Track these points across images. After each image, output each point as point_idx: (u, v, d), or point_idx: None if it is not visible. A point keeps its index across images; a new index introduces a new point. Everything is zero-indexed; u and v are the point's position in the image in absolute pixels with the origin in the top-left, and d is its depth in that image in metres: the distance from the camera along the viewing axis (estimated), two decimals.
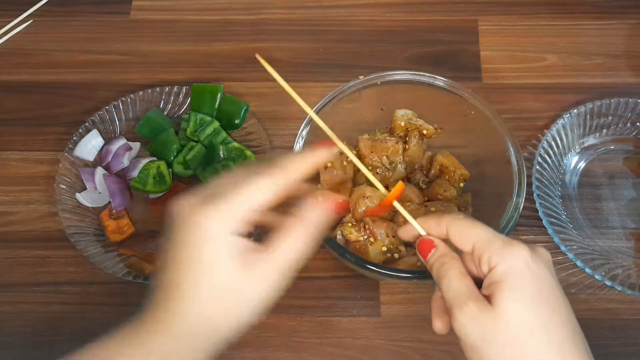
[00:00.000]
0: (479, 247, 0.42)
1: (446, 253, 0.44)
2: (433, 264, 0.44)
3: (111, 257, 0.64)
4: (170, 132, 0.71)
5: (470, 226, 0.43)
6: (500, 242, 0.41)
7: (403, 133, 0.67)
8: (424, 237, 0.46)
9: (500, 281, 0.40)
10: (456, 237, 0.44)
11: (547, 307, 0.40)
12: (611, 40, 0.80)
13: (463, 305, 0.40)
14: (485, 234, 0.42)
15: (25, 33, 0.82)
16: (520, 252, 0.41)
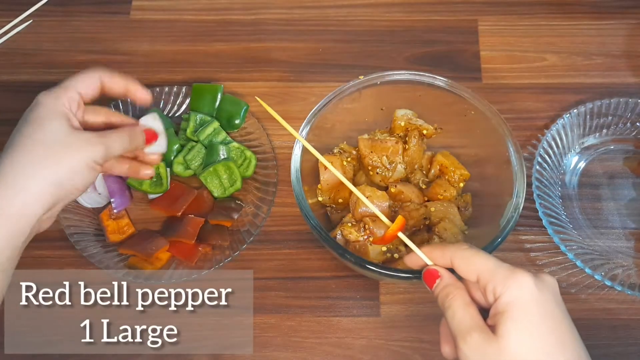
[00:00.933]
0: (483, 278, 0.42)
1: (451, 283, 0.44)
2: (438, 294, 0.45)
3: (111, 257, 0.64)
4: (170, 132, 0.71)
5: (474, 256, 0.43)
6: (504, 272, 0.41)
7: (403, 133, 0.67)
8: (429, 268, 0.46)
9: (504, 312, 0.40)
10: (461, 268, 0.44)
11: (553, 337, 0.40)
12: (611, 40, 0.80)
13: (467, 335, 0.41)
14: (489, 263, 0.42)
15: (25, 33, 0.82)
16: (524, 281, 0.41)
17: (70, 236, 0.64)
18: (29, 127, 0.45)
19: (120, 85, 0.51)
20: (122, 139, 0.49)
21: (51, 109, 0.46)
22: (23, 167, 0.44)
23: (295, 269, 0.66)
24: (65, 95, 0.47)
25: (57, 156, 0.45)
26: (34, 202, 0.44)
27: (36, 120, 0.45)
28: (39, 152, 0.44)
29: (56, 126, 0.45)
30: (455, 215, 0.62)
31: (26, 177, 0.44)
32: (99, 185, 0.68)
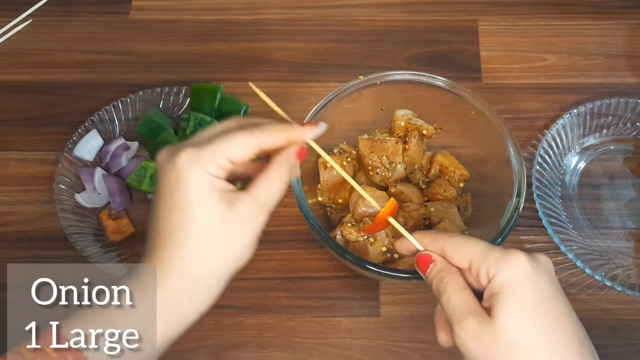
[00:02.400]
0: (476, 261, 0.41)
1: (445, 267, 0.44)
2: (432, 279, 0.44)
3: (111, 257, 0.64)
4: (170, 132, 0.71)
5: (465, 242, 0.43)
6: (497, 253, 0.41)
7: (403, 133, 0.67)
8: (422, 253, 0.45)
9: (498, 292, 0.39)
10: (452, 255, 0.43)
11: (549, 318, 0.39)
12: (611, 40, 0.80)
13: (462, 320, 0.40)
14: (480, 247, 0.42)
15: (25, 33, 0.82)
16: (518, 261, 0.40)
17: (70, 236, 0.64)
18: (181, 214, 0.39)
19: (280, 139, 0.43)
20: (280, 187, 0.42)
21: (200, 188, 0.39)
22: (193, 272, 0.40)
23: (295, 269, 0.66)
24: (214, 164, 0.39)
25: (221, 247, 0.40)
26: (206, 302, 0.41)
27: (186, 205, 0.39)
28: (203, 248, 0.39)
29: (213, 213, 0.39)
30: (455, 215, 0.62)
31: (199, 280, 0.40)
32: (98, 185, 0.68)
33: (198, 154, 0.39)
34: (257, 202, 0.41)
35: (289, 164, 0.43)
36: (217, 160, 0.39)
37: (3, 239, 0.67)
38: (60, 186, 0.67)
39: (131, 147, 0.70)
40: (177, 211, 0.39)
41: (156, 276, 0.39)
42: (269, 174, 0.42)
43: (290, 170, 0.43)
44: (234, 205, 0.40)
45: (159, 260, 0.40)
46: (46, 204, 0.69)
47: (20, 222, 0.68)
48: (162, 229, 0.40)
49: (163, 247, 0.40)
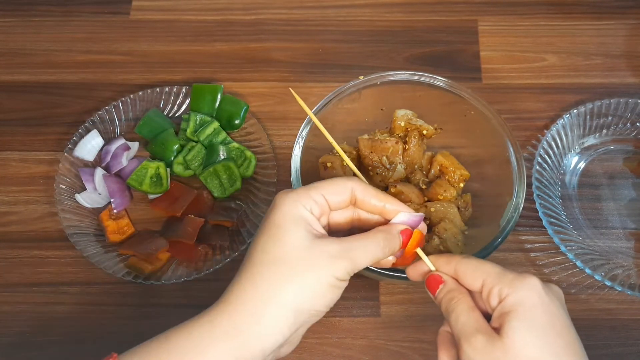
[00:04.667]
0: (489, 281, 0.41)
1: (455, 288, 0.44)
2: (442, 299, 0.44)
3: (111, 257, 0.64)
4: (170, 132, 0.71)
5: (480, 263, 0.43)
6: (511, 275, 0.41)
7: (403, 133, 0.67)
8: (433, 273, 0.46)
9: (510, 311, 0.40)
10: (466, 274, 0.43)
11: (560, 340, 0.39)
12: (611, 40, 0.80)
13: (471, 337, 0.40)
14: (495, 268, 0.42)
15: (25, 33, 0.82)
16: (532, 283, 0.40)
17: (70, 236, 0.64)
18: (269, 239, 0.41)
19: (373, 204, 0.44)
20: (373, 249, 0.42)
21: (290, 214, 0.41)
22: (262, 292, 0.40)
23: None
24: (308, 196, 0.42)
25: (297, 278, 0.40)
26: (272, 334, 0.39)
27: (275, 230, 0.41)
28: (278, 274, 0.40)
29: (296, 237, 0.40)
30: (455, 215, 0.62)
31: (264, 303, 0.39)
32: (99, 185, 0.68)
33: (294, 189, 0.43)
34: (343, 246, 0.41)
35: (388, 238, 0.43)
36: (313, 195, 0.42)
37: (3, 239, 0.67)
38: (61, 186, 0.67)
39: (131, 147, 0.71)
40: (265, 234, 0.41)
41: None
42: (362, 235, 0.43)
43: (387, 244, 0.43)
44: (320, 239, 0.41)
45: (240, 277, 0.41)
46: (46, 204, 0.69)
47: (20, 222, 0.68)
48: (251, 249, 0.42)
49: (246, 264, 0.41)
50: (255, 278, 0.40)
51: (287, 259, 0.40)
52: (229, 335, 0.39)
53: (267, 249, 0.41)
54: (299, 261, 0.40)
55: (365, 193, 0.44)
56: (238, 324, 0.39)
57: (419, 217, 0.46)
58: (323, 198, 0.43)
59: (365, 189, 0.44)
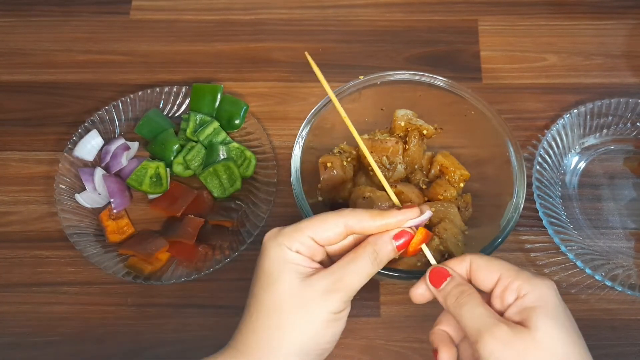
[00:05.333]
0: (507, 276, 0.41)
1: (463, 282, 0.43)
2: (449, 292, 0.42)
3: (111, 257, 0.64)
4: (170, 132, 0.71)
5: (495, 260, 0.43)
6: (529, 273, 0.41)
7: (403, 133, 0.67)
8: (438, 266, 0.44)
9: (536, 307, 0.39)
10: (481, 269, 0.42)
11: (581, 342, 0.40)
12: (611, 40, 0.80)
13: (494, 328, 0.39)
14: (512, 266, 0.42)
15: (25, 33, 0.82)
16: (550, 283, 0.40)
17: (70, 236, 0.64)
18: (261, 288, 0.41)
19: (373, 228, 0.42)
20: (364, 268, 0.42)
21: (277, 260, 0.41)
22: (265, 342, 0.40)
23: None
24: (293, 239, 0.41)
25: (294, 324, 0.40)
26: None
27: (265, 278, 0.41)
28: (276, 322, 0.40)
29: (286, 284, 0.40)
30: (456, 215, 0.62)
31: (270, 353, 0.40)
32: (98, 185, 0.68)
33: (280, 231, 0.42)
34: (333, 278, 0.41)
35: (378, 249, 0.42)
36: (298, 237, 0.41)
37: (3, 239, 0.67)
38: (60, 186, 0.67)
39: (131, 147, 0.71)
40: (257, 283, 0.42)
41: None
42: (351, 254, 0.42)
43: (377, 256, 0.42)
44: (309, 278, 0.41)
45: (240, 330, 0.42)
46: (46, 204, 0.69)
47: (20, 222, 0.68)
48: (249, 297, 0.42)
49: (246, 313, 0.42)
50: (255, 328, 0.41)
51: (280, 307, 0.40)
52: None
53: (260, 298, 0.41)
54: (292, 307, 0.40)
55: (361, 224, 0.42)
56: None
57: (427, 217, 0.45)
58: (310, 240, 0.41)
59: (360, 220, 0.42)
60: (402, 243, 0.43)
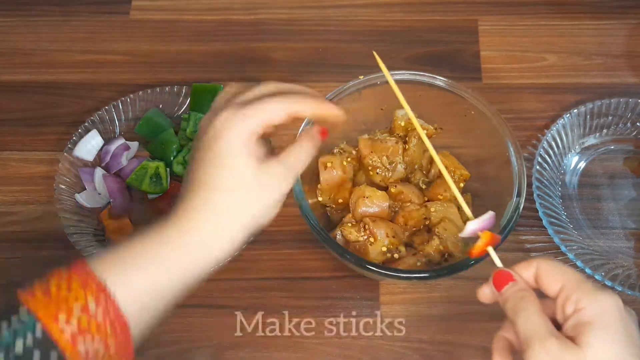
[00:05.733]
0: (569, 287, 0.40)
1: (526, 288, 0.42)
2: (510, 296, 0.42)
3: None
4: (170, 132, 0.71)
5: (562, 267, 0.42)
6: (591, 286, 0.40)
7: (403, 133, 0.66)
8: (503, 269, 0.44)
9: (591, 322, 0.38)
10: (547, 275, 0.42)
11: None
12: (611, 40, 0.80)
13: (546, 340, 0.38)
14: (577, 276, 0.41)
15: (25, 33, 0.82)
16: (613, 298, 0.39)
17: (70, 236, 0.64)
18: (215, 167, 0.43)
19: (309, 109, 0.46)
20: (305, 155, 0.47)
21: (236, 145, 0.43)
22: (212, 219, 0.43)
23: (295, 269, 0.66)
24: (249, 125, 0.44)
25: (252, 202, 0.44)
26: (228, 249, 0.44)
27: (221, 157, 0.43)
28: (234, 200, 0.43)
29: (244, 165, 0.43)
30: (455, 215, 0.62)
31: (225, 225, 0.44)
32: (98, 185, 0.68)
33: (235, 116, 0.43)
34: (286, 165, 0.45)
35: (313, 140, 0.48)
36: (251, 122, 0.43)
37: (3, 239, 0.67)
38: (60, 186, 0.67)
39: (131, 147, 0.71)
40: (212, 163, 0.43)
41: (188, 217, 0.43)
42: (296, 145, 0.47)
43: (314, 145, 0.47)
44: (265, 163, 0.44)
45: (193, 201, 0.43)
46: (46, 204, 0.69)
47: (21, 222, 0.68)
48: (197, 177, 0.44)
49: (198, 190, 0.43)
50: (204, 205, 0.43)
51: (240, 187, 0.43)
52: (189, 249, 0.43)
53: (218, 177, 0.43)
54: (252, 188, 0.44)
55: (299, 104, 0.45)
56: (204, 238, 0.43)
57: (489, 218, 0.47)
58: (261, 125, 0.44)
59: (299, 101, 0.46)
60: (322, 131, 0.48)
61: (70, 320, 0.38)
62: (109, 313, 0.39)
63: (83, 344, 0.38)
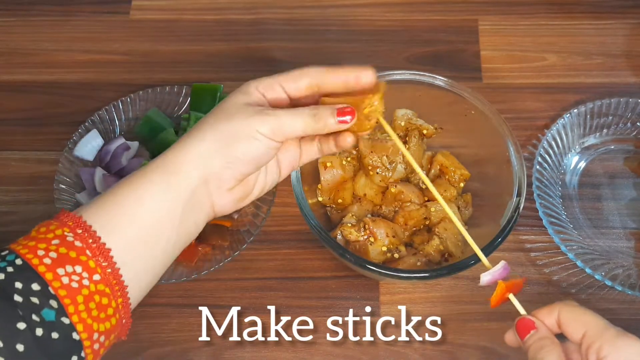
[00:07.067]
0: (591, 335, 0.40)
1: (547, 336, 0.42)
2: (531, 345, 0.42)
3: None
4: (170, 132, 0.71)
5: (584, 313, 0.42)
6: (614, 332, 0.40)
7: (403, 133, 0.66)
8: (525, 317, 0.44)
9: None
10: (569, 322, 0.42)
11: None
12: (611, 40, 0.80)
13: None
14: (599, 322, 0.41)
15: (25, 33, 0.82)
16: (635, 345, 0.39)
17: None
18: (211, 114, 0.45)
19: (338, 82, 0.45)
20: (300, 113, 0.44)
21: (238, 102, 0.45)
22: (194, 130, 0.44)
23: (295, 269, 0.66)
24: (265, 84, 0.46)
25: (225, 119, 0.44)
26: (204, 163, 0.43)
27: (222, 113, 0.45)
28: (212, 119, 0.44)
29: (232, 101, 0.45)
30: (456, 215, 0.62)
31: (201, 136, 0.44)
32: (99, 185, 0.68)
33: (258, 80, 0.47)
34: (273, 110, 0.44)
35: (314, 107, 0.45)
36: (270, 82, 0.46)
37: (3, 239, 0.67)
38: (61, 186, 0.67)
39: (131, 147, 0.70)
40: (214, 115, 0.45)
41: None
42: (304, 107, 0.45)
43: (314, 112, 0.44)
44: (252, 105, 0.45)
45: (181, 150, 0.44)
46: (46, 204, 0.69)
47: (21, 222, 0.68)
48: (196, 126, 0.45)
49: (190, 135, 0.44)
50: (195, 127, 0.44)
51: (222, 112, 0.44)
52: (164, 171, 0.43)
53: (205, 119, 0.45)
54: (230, 112, 0.44)
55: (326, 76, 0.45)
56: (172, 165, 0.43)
57: (502, 268, 0.46)
58: (280, 87, 0.46)
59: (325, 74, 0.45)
60: (342, 120, 0.44)
61: (49, 251, 0.39)
62: (89, 243, 0.40)
63: (63, 269, 0.38)
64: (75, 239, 0.40)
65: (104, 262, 0.40)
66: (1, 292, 0.37)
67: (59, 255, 0.39)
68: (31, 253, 0.39)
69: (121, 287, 0.41)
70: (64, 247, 0.39)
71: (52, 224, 0.41)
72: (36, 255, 0.39)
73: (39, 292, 0.37)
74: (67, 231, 0.40)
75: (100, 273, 0.39)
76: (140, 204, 0.42)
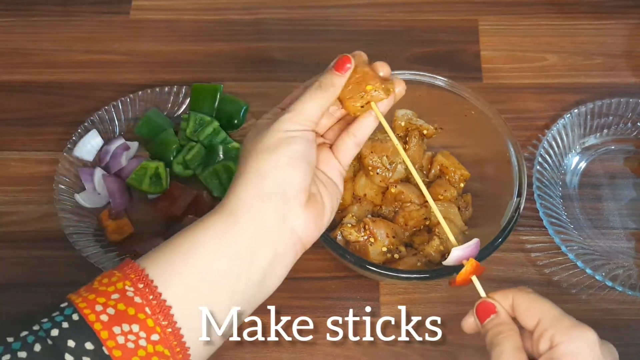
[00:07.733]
0: (545, 323, 0.40)
1: (506, 322, 0.42)
2: (489, 329, 0.42)
3: (110, 257, 0.64)
4: (170, 132, 0.71)
5: (539, 300, 0.41)
6: (568, 322, 0.39)
7: (403, 133, 0.66)
8: (487, 300, 0.44)
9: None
10: (522, 309, 0.42)
11: None
12: (611, 40, 0.80)
13: None
14: (554, 310, 0.40)
15: (25, 33, 0.81)
16: (588, 336, 0.39)
17: (70, 236, 0.64)
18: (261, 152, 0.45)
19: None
20: (309, 96, 0.46)
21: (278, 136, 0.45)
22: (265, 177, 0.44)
23: (295, 269, 0.65)
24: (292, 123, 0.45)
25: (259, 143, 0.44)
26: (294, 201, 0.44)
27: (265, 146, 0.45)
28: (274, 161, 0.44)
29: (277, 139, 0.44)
30: (456, 215, 0.62)
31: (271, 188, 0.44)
32: (98, 185, 0.68)
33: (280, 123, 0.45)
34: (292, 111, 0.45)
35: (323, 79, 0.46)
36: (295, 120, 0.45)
37: (3, 239, 0.67)
38: (60, 186, 0.67)
39: (131, 147, 0.70)
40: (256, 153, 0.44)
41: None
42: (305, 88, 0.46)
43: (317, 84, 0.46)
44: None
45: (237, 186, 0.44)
46: (46, 204, 0.69)
47: (21, 222, 0.68)
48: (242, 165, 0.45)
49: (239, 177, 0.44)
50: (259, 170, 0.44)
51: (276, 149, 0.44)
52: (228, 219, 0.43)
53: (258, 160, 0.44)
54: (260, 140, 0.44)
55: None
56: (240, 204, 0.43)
57: (474, 245, 0.46)
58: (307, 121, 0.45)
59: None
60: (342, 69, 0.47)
61: (107, 307, 0.37)
62: (149, 299, 0.38)
63: (119, 328, 0.36)
64: (135, 294, 0.38)
65: (163, 321, 0.37)
66: (54, 350, 0.35)
67: (117, 312, 0.37)
68: (89, 308, 0.37)
69: (182, 348, 0.38)
70: (123, 302, 0.37)
71: (115, 275, 0.40)
72: (94, 310, 0.37)
73: (91, 351, 0.36)
74: (129, 285, 0.38)
75: (160, 332, 0.37)
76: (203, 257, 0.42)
